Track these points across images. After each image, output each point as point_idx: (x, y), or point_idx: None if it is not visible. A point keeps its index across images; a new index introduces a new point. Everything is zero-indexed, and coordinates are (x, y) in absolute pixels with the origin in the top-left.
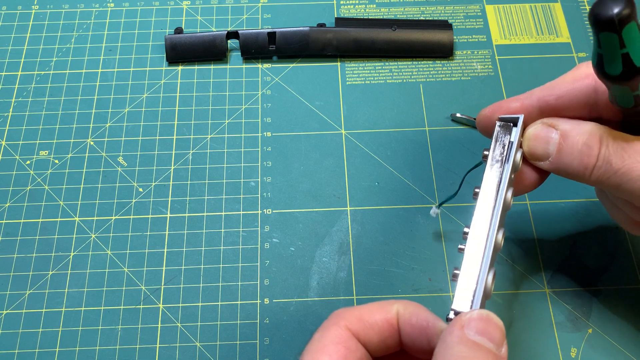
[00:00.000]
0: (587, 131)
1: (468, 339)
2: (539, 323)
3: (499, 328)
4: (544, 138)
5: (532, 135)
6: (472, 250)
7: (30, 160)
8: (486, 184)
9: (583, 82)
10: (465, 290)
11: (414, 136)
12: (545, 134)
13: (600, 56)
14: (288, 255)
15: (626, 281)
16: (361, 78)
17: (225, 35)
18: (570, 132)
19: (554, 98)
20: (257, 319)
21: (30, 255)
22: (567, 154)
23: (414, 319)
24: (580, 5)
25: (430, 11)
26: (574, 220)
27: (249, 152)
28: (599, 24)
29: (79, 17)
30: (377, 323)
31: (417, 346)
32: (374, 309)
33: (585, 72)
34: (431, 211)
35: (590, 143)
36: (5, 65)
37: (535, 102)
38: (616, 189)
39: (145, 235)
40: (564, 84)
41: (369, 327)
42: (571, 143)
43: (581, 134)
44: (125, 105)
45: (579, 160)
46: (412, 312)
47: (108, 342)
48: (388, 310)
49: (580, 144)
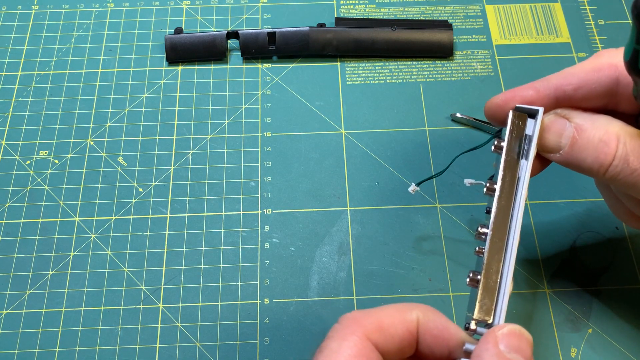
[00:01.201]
0: (604, 126)
1: (505, 356)
2: (539, 323)
3: (530, 343)
4: (557, 130)
5: (544, 126)
6: (494, 254)
7: (30, 160)
8: (504, 180)
9: (604, 73)
10: (487, 298)
11: (414, 136)
12: (559, 126)
13: (636, 52)
14: (288, 255)
15: (626, 281)
16: (361, 78)
17: (225, 35)
18: (585, 126)
19: (572, 88)
20: (257, 319)
21: (30, 255)
22: (581, 149)
23: (433, 327)
24: (580, 6)
25: (430, 11)
26: (574, 220)
27: (249, 152)
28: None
29: (79, 17)
30: (398, 332)
31: (435, 355)
32: (393, 315)
33: (608, 62)
34: (409, 188)
35: (606, 140)
36: (5, 65)
37: (552, 91)
38: (631, 188)
39: (145, 235)
40: (584, 73)
41: (389, 337)
42: (586, 138)
43: (597, 128)
44: (125, 105)
45: (594, 157)
46: (431, 319)
47: (108, 342)
48: (409, 319)
49: (597, 139)
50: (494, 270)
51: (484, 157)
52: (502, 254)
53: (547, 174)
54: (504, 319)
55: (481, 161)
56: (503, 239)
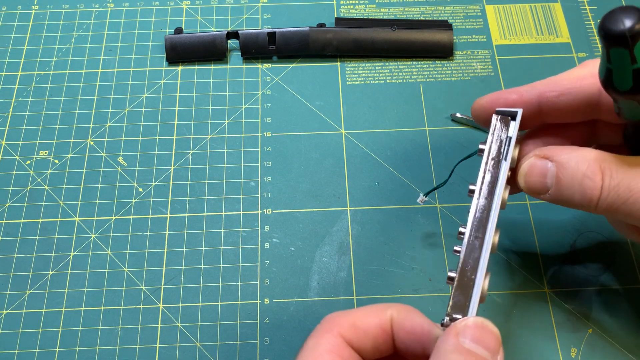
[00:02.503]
0: (586, 160)
1: (463, 347)
2: (539, 323)
3: (495, 335)
4: (539, 171)
5: (527, 170)
6: (469, 253)
7: (30, 160)
8: (482, 182)
9: (588, 82)
10: (461, 295)
11: (414, 136)
12: (541, 167)
13: (610, 71)
14: (288, 255)
15: (626, 281)
16: (361, 78)
17: (225, 35)
18: (567, 163)
19: (555, 95)
20: (257, 319)
21: (30, 255)
22: (567, 186)
23: (409, 325)
24: (580, 5)
25: (430, 11)
26: (574, 220)
27: (249, 152)
28: (610, 39)
29: (79, 17)
30: (371, 329)
31: (411, 352)
32: (367, 314)
33: (590, 72)
34: (418, 199)
35: (590, 174)
36: (5, 65)
37: (536, 96)
38: (627, 217)
39: (145, 235)
40: (568, 81)
41: (362, 334)
42: (570, 175)
43: (580, 162)
44: (125, 105)
45: (581, 194)
46: (406, 317)
47: (108, 342)
48: (382, 316)
49: (580, 175)
50: (470, 268)
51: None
52: (479, 254)
53: None
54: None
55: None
56: (481, 238)
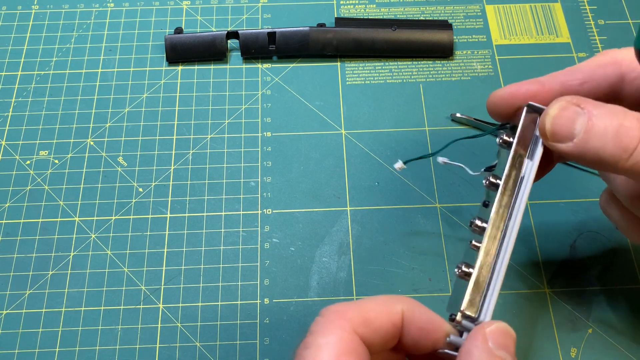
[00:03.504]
0: (622, 111)
1: (494, 354)
2: (539, 323)
3: (514, 340)
4: (569, 116)
5: (556, 112)
6: (489, 250)
7: (30, 160)
8: (508, 177)
9: (609, 69)
10: (476, 292)
11: (414, 136)
12: (573, 111)
13: None
14: (288, 255)
15: (626, 281)
16: (361, 78)
17: (225, 35)
18: (601, 112)
19: (578, 83)
20: (257, 319)
21: (30, 255)
22: (599, 134)
23: (419, 320)
24: (580, 6)
25: (430, 11)
26: (574, 220)
27: (249, 152)
28: None
29: (79, 17)
30: (383, 325)
31: (420, 347)
32: (379, 308)
33: (613, 58)
34: (396, 165)
35: (629, 124)
36: (5, 65)
37: (558, 85)
38: None
39: (145, 235)
40: (589, 68)
41: (374, 330)
42: (604, 124)
43: (615, 114)
44: (125, 105)
45: (615, 142)
46: (416, 312)
47: (108, 342)
48: (393, 312)
49: (616, 124)
50: (487, 266)
51: (480, 152)
52: (496, 251)
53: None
54: (491, 316)
55: (477, 156)
56: (498, 236)
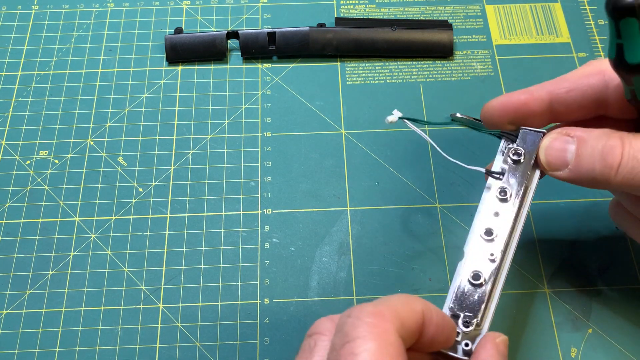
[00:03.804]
0: (606, 133)
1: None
2: (539, 323)
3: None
4: (560, 146)
5: (547, 144)
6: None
7: (30, 160)
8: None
9: (594, 78)
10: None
11: (414, 136)
12: (562, 141)
13: (620, 46)
14: (288, 255)
15: (626, 281)
16: (361, 78)
17: (225, 35)
18: (587, 137)
19: (564, 91)
20: (257, 319)
21: (30, 255)
22: (587, 157)
23: (436, 319)
24: (580, 5)
25: (430, 11)
26: (574, 220)
27: (249, 152)
28: (619, 10)
29: (79, 17)
30: (413, 327)
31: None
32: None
33: (597, 68)
34: (389, 117)
35: (612, 143)
36: (5, 65)
37: (546, 93)
38: None
39: (145, 235)
40: (575, 77)
41: (409, 332)
42: (590, 147)
43: (599, 136)
44: (125, 105)
45: (601, 162)
46: (433, 311)
47: (108, 342)
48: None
49: (601, 145)
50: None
51: (479, 153)
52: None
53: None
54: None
55: (477, 156)
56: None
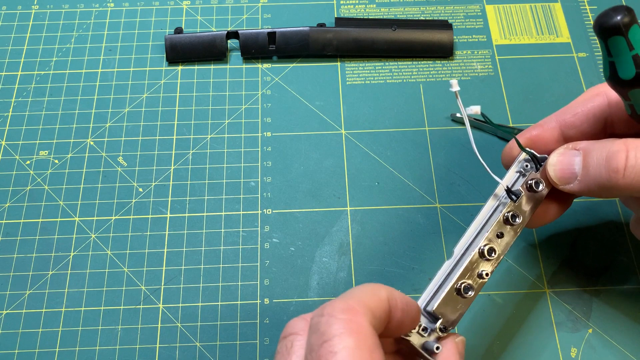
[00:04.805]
0: (609, 141)
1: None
2: (539, 323)
3: None
4: (568, 159)
5: (555, 160)
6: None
7: (30, 160)
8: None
9: (595, 99)
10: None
11: (414, 136)
12: (569, 155)
13: (612, 64)
14: (288, 255)
15: (626, 281)
16: (361, 78)
17: (225, 35)
18: (592, 147)
19: (570, 115)
20: (257, 319)
21: (30, 255)
22: (594, 166)
23: (401, 303)
24: (580, 5)
25: (430, 11)
26: (574, 220)
27: (249, 152)
28: (606, 30)
29: (79, 17)
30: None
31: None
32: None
33: (595, 91)
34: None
35: (615, 148)
36: (5, 65)
37: (555, 122)
38: None
39: (145, 235)
40: (577, 103)
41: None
42: (596, 156)
43: (604, 144)
44: (125, 105)
45: (607, 167)
46: (396, 295)
47: (108, 342)
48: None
49: (605, 153)
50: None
51: (482, 154)
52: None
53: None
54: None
55: (476, 156)
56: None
